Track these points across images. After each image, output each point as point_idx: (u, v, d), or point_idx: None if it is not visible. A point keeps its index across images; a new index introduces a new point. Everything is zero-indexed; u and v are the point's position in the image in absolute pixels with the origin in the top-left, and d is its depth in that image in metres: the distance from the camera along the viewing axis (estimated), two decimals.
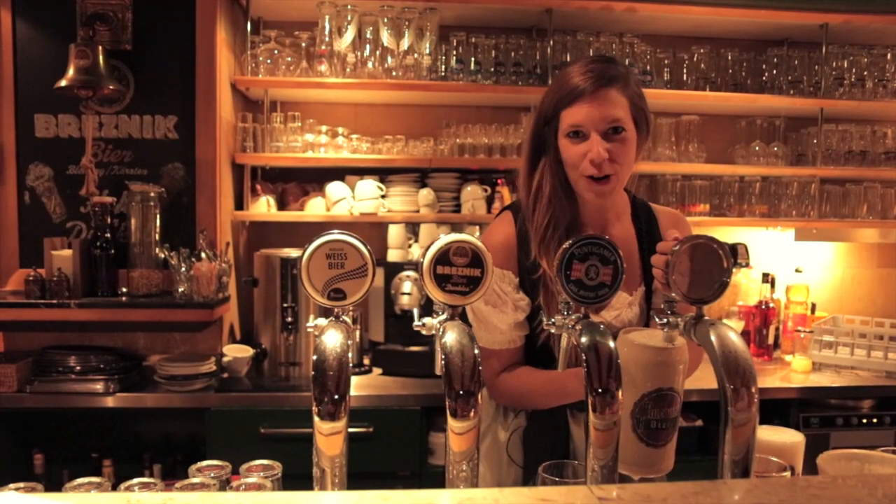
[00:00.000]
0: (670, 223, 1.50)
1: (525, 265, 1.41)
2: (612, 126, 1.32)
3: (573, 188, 1.40)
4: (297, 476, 1.01)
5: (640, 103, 1.37)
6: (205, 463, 1.03)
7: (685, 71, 2.88)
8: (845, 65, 2.90)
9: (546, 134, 1.40)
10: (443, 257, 0.91)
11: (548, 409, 1.43)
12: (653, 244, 1.46)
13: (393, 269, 2.54)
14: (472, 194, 2.74)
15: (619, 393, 0.84)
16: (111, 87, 2.29)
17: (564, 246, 0.95)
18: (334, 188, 2.74)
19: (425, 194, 2.72)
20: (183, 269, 2.28)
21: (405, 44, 2.63)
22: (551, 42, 2.69)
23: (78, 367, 2.25)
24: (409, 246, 2.78)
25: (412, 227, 2.81)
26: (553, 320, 1.00)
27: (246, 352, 2.46)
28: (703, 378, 2.48)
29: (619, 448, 1.08)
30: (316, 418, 0.80)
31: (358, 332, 2.54)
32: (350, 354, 0.84)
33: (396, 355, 2.53)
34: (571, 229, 1.40)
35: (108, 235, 2.33)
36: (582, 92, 1.33)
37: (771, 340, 2.87)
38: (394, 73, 2.64)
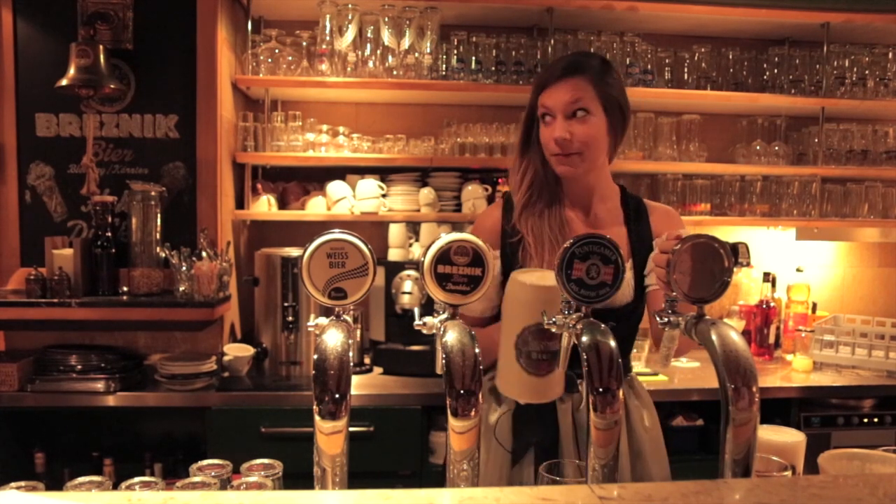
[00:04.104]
0: (662, 217, 1.57)
1: (506, 230, 1.52)
2: (574, 108, 1.44)
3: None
4: (298, 475, 1.01)
5: (611, 93, 1.47)
6: (206, 462, 1.03)
7: (686, 70, 2.88)
8: (846, 64, 2.90)
9: (531, 125, 1.53)
10: (444, 256, 0.91)
11: None
12: (640, 230, 1.54)
13: (394, 269, 2.54)
14: (473, 193, 2.74)
15: (620, 392, 0.84)
16: (112, 86, 2.29)
17: (565, 245, 0.95)
18: (335, 187, 2.74)
19: (426, 193, 2.72)
20: (184, 268, 2.28)
21: (406, 43, 2.63)
22: (552, 41, 2.69)
23: (79, 367, 2.26)
24: (410, 245, 2.78)
25: (413, 227, 2.81)
26: (554, 319, 1.00)
27: (247, 351, 2.46)
28: (704, 377, 2.50)
29: (507, 376, 1.17)
30: (317, 417, 0.80)
31: (359, 332, 2.54)
32: (351, 353, 0.84)
33: (397, 354, 2.53)
34: (554, 204, 1.51)
35: (109, 234, 2.33)
36: (549, 79, 1.47)
37: (772, 340, 2.87)
38: (395, 73, 2.64)
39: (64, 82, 2.25)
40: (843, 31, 2.86)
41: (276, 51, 2.63)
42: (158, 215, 2.38)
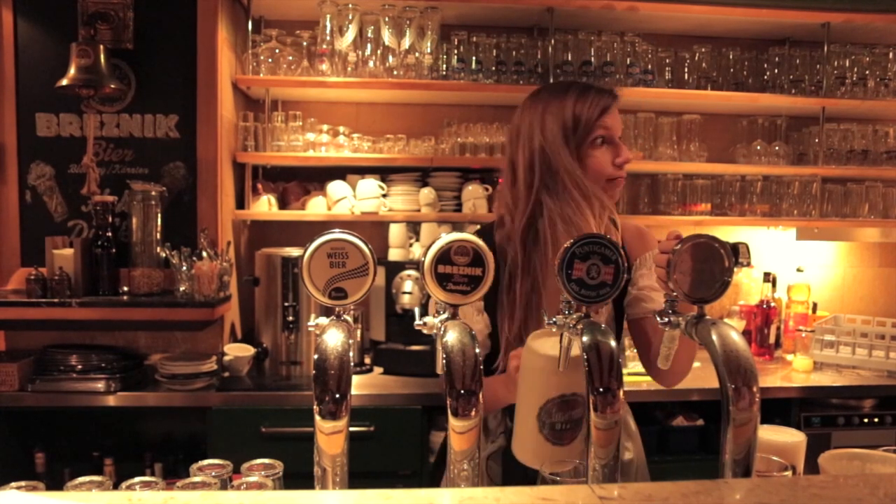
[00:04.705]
0: (634, 238, 1.51)
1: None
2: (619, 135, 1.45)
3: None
4: (299, 475, 1.01)
5: None
6: (206, 462, 1.03)
7: (686, 70, 2.88)
8: (847, 64, 2.90)
9: (562, 150, 1.40)
10: (444, 256, 0.91)
11: None
12: None
13: (394, 269, 2.54)
14: (474, 193, 2.74)
15: (621, 392, 0.84)
16: (112, 86, 2.29)
17: (566, 245, 0.95)
18: (335, 187, 2.74)
19: (426, 193, 2.72)
20: (184, 268, 2.28)
21: (406, 43, 2.63)
22: (552, 41, 2.69)
23: (79, 366, 2.26)
24: (411, 245, 2.78)
25: (413, 227, 2.81)
26: (554, 319, 1.00)
27: (247, 351, 2.46)
28: (704, 377, 2.49)
29: (526, 444, 1.14)
30: (317, 417, 0.80)
31: (359, 332, 2.54)
32: (351, 353, 0.84)
33: (397, 354, 2.53)
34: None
35: (110, 234, 2.33)
36: (608, 101, 1.42)
37: (772, 340, 2.87)
38: (395, 73, 2.64)
39: (64, 82, 2.25)
40: (844, 31, 2.86)
41: (277, 51, 2.63)
42: (159, 215, 2.38)
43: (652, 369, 1.44)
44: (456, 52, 2.69)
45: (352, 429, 0.82)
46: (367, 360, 2.62)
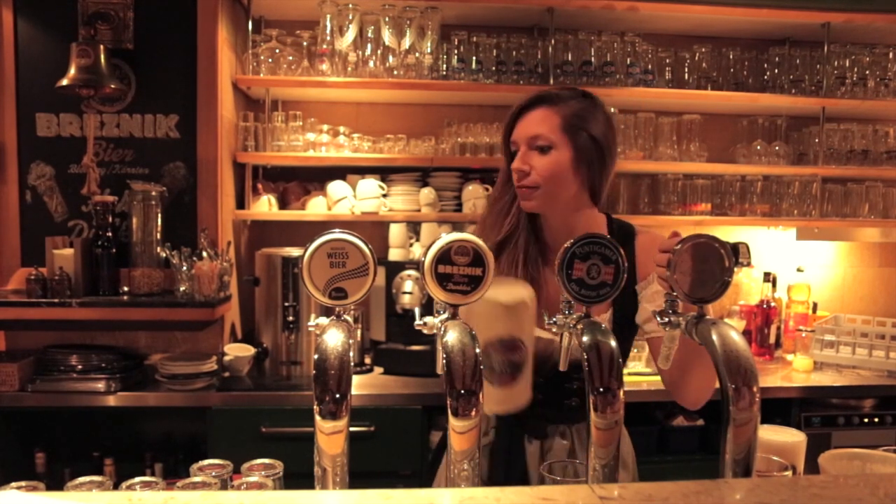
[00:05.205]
0: (646, 247, 1.46)
1: None
2: (535, 143, 1.39)
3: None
4: (299, 475, 1.01)
5: (583, 126, 1.39)
6: (206, 462, 1.03)
7: (687, 70, 2.88)
8: (847, 64, 2.90)
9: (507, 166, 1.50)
10: (444, 256, 0.91)
11: (507, 431, 1.43)
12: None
13: (394, 269, 2.54)
14: (474, 193, 2.74)
15: (621, 392, 0.84)
16: (112, 86, 2.29)
17: (566, 245, 0.95)
18: (335, 187, 2.74)
19: (427, 193, 2.72)
20: (184, 268, 2.28)
21: (406, 43, 2.63)
22: (552, 41, 2.69)
23: (79, 367, 2.26)
24: (411, 245, 2.78)
25: (413, 227, 2.81)
26: (554, 319, 1.00)
27: (247, 351, 2.46)
28: None
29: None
30: (317, 417, 0.80)
31: (359, 332, 2.55)
32: (351, 353, 0.84)
33: (398, 354, 2.53)
34: (532, 250, 1.44)
35: (110, 234, 2.33)
36: (516, 112, 1.44)
37: (772, 340, 2.87)
38: (395, 73, 2.64)
39: (64, 82, 2.25)
40: (844, 31, 2.86)
41: (277, 51, 2.64)
42: (159, 215, 2.38)
43: (672, 386, 1.38)
44: (456, 52, 2.69)
45: (352, 429, 0.82)
46: (368, 360, 2.62)
